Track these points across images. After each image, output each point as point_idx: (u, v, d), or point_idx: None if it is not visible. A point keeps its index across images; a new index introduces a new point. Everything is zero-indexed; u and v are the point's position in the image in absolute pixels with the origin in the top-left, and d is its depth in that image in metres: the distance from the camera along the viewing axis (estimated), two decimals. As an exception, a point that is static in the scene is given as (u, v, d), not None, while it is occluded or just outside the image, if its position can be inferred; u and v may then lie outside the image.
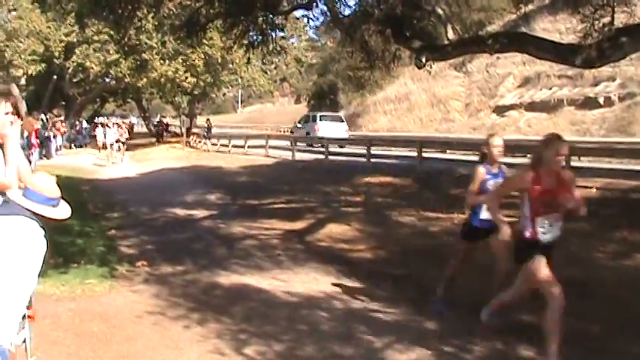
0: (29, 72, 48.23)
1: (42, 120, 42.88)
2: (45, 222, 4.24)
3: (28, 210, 4.18)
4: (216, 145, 45.59)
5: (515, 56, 38.77)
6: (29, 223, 4.12)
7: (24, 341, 4.34)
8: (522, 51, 15.49)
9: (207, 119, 56.31)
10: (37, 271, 4.06)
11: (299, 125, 47.13)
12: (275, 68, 58.17)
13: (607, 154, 21.48)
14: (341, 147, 33.55)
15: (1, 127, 4.49)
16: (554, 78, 39.06)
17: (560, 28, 39.23)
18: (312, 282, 11.24)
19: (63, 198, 4.38)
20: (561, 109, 36.92)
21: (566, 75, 37.35)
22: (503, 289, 7.90)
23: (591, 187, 16.87)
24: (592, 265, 11.20)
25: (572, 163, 18.59)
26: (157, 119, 71.48)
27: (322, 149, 30.83)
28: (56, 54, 48.53)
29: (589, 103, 35.39)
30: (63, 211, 4.48)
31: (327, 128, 42.11)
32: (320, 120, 44.68)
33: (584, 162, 20.22)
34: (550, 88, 39.31)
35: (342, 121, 45.80)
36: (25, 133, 21.97)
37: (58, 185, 4.37)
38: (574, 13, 15.64)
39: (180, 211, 19.38)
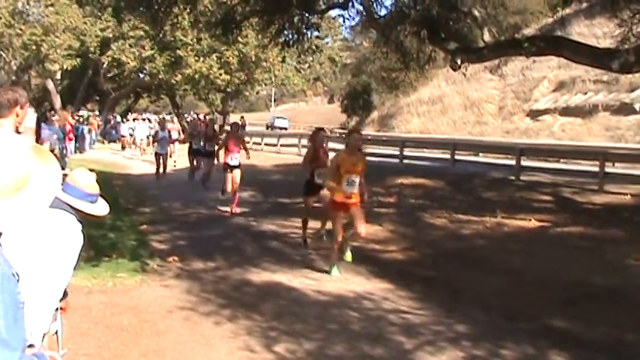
0: (65, 67, 48.43)
1: (82, 115, 43.04)
2: (81, 217, 4.26)
3: (67, 204, 4.20)
4: (249, 142, 45.56)
5: (551, 60, 38.52)
6: (67, 217, 4.14)
7: (56, 332, 4.36)
8: (558, 55, 15.43)
9: (242, 117, 56.39)
10: (73, 265, 4.07)
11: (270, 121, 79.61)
12: (309, 67, 58.25)
13: (642, 160, 21.18)
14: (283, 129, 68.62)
15: None
16: (589, 83, 38.66)
17: (596, 33, 38.91)
18: (342, 281, 11.23)
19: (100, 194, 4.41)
20: (596, 115, 36.56)
21: (602, 80, 36.96)
22: None
23: (625, 194, 16.76)
24: (627, 273, 11.11)
25: (607, 169, 18.48)
26: (189, 117, 71.68)
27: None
28: (92, 49, 48.67)
29: (624, 109, 35.02)
30: (101, 208, 4.51)
31: (278, 123, 75.44)
32: (276, 119, 79.63)
33: (619, 168, 20.06)
34: (585, 93, 38.93)
35: (285, 119, 79.47)
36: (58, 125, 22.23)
37: (97, 182, 4.41)
38: (612, 17, 15.56)
39: (212, 208, 19.39)
